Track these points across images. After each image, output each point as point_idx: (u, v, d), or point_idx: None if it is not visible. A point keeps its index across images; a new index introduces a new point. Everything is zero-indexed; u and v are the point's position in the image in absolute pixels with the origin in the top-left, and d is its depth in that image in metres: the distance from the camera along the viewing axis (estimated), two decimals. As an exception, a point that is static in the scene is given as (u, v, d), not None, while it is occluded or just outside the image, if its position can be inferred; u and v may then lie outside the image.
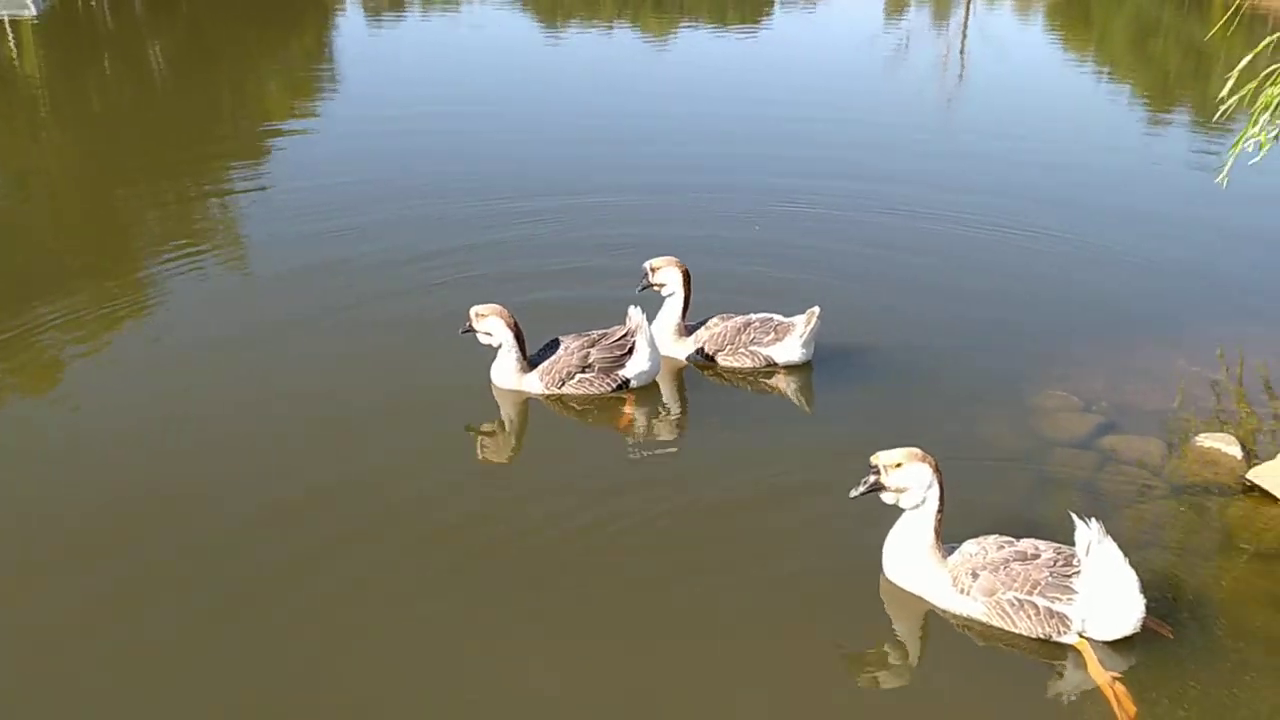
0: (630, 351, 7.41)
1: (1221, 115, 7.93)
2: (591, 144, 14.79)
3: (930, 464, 5.27)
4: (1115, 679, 4.90)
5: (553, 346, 7.52)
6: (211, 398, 7.41)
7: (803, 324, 7.70)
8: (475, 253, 10.14)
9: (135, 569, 5.56)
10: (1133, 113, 18.96)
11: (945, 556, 5.37)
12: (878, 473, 5.31)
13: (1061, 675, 5.01)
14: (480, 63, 21.97)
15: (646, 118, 16.72)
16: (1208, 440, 6.68)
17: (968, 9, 32.58)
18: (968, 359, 8.10)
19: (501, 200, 11.81)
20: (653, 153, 14.39)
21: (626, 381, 7.43)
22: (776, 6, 33.95)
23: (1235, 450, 6.55)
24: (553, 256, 10.08)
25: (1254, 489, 6.25)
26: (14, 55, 20.82)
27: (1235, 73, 7.82)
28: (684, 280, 7.87)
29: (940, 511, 5.32)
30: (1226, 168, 7.94)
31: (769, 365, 7.81)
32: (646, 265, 7.92)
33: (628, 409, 7.31)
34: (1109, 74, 23.85)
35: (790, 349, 7.76)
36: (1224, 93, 7.92)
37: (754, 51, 25.21)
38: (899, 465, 5.26)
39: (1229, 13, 8.70)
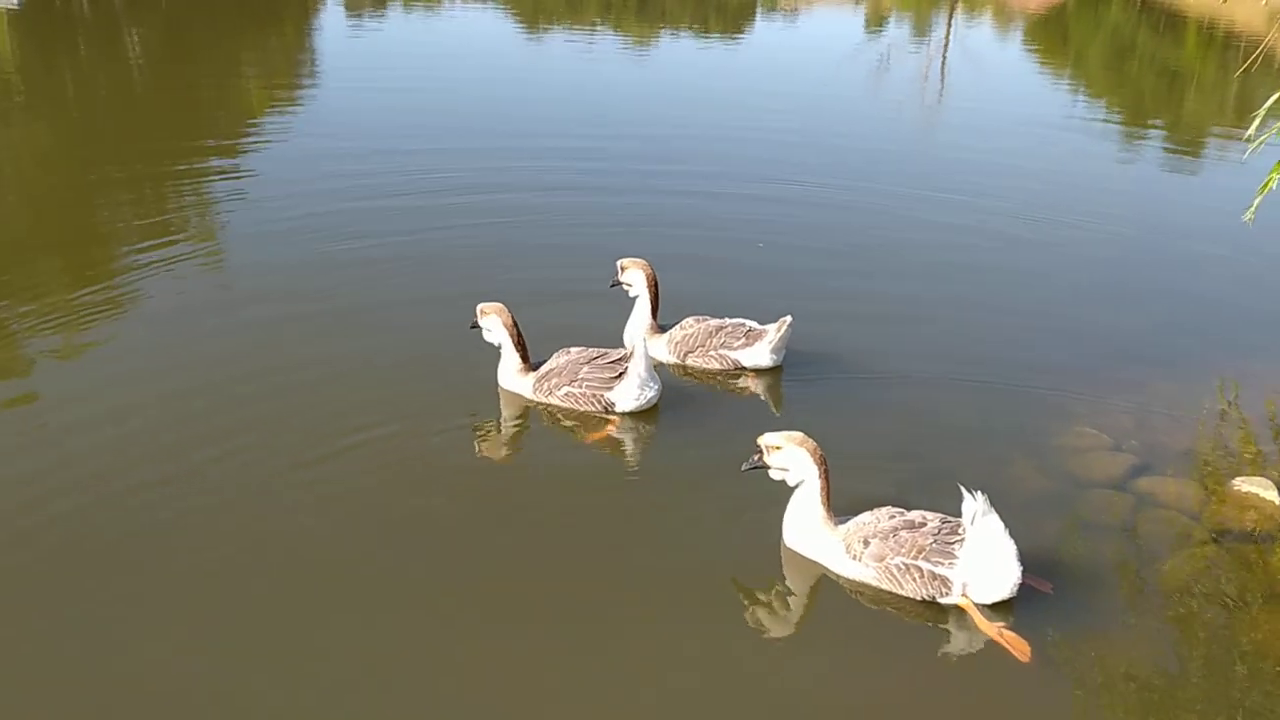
0: (621, 376, 7.31)
1: (1250, 152, 7.90)
2: (573, 146, 14.59)
3: (808, 448, 5.75)
4: (1003, 628, 5.34)
5: (558, 356, 7.52)
6: (185, 389, 7.31)
7: (774, 331, 7.89)
8: (453, 244, 10.34)
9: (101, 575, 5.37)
10: (1125, 140, 19.02)
11: (838, 526, 5.81)
12: (760, 453, 5.84)
13: (950, 632, 5.42)
14: (460, 62, 21.75)
15: (632, 124, 16.55)
16: (1244, 484, 6.63)
17: (949, 25, 32.75)
18: (981, 389, 7.99)
19: (480, 197, 11.90)
20: (635, 155, 14.28)
21: (612, 404, 7.33)
22: (758, 17, 33.96)
23: (1273, 495, 6.50)
24: (538, 258, 10.18)
25: (1294, 535, 6.20)
26: (-12, 44, 20.33)
27: (1263, 110, 7.80)
28: (649, 284, 8.16)
29: (825, 489, 5.76)
30: (1254, 206, 7.90)
31: (738, 369, 8.01)
32: (619, 263, 8.21)
33: (609, 429, 7.26)
34: (1087, 92, 23.99)
35: (759, 354, 7.95)
36: (1250, 131, 7.90)
37: (736, 61, 25.13)
38: (779, 448, 5.79)
39: (1251, 58, 8.63)
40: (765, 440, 5.84)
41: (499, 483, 6.64)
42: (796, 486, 5.87)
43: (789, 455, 5.79)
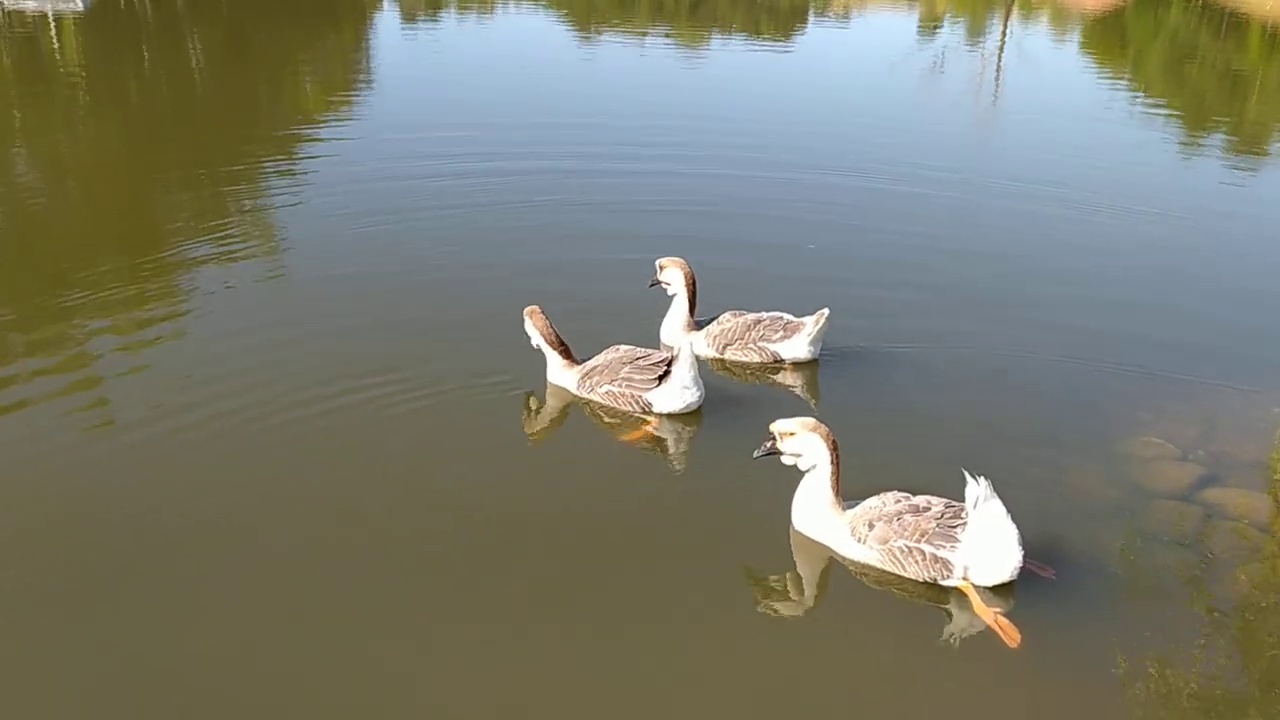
0: (662, 379, 7.30)
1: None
2: (630, 147, 14.60)
3: (820, 433, 5.83)
4: (998, 613, 5.43)
5: (606, 353, 7.57)
6: (244, 390, 7.38)
7: (812, 324, 7.93)
8: (506, 250, 10.34)
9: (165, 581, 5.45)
10: (1188, 144, 18.69)
11: (845, 510, 5.91)
12: (773, 439, 5.90)
13: (950, 614, 5.53)
14: (513, 65, 21.85)
15: (682, 128, 16.46)
16: (1316, 497, 6.50)
17: (1005, 26, 32.39)
18: (1037, 392, 7.88)
19: (537, 199, 11.94)
20: (686, 157, 14.23)
21: (650, 405, 7.34)
22: (810, 20, 33.81)
23: (1346, 508, 6.36)
24: (592, 255, 10.24)
25: (1368, 550, 6.06)
26: (55, 48, 20.73)
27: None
28: (686, 282, 8.20)
29: (835, 474, 5.86)
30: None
31: (776, 361, 8.06)
32: (657, 263, 8.26)
33: (647, 428, 7.28)
34: (1146, 95, 23.60)
35: (797, 346, 8.00)
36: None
37: (789, 63, 25.03)
38: (792, 434, 5.87)
39: None
40: (778, 427, 5.92)
41: (523, 466, 6.74)
42: (808, 471, 5.95)
43: (802, 441, 5.86)
